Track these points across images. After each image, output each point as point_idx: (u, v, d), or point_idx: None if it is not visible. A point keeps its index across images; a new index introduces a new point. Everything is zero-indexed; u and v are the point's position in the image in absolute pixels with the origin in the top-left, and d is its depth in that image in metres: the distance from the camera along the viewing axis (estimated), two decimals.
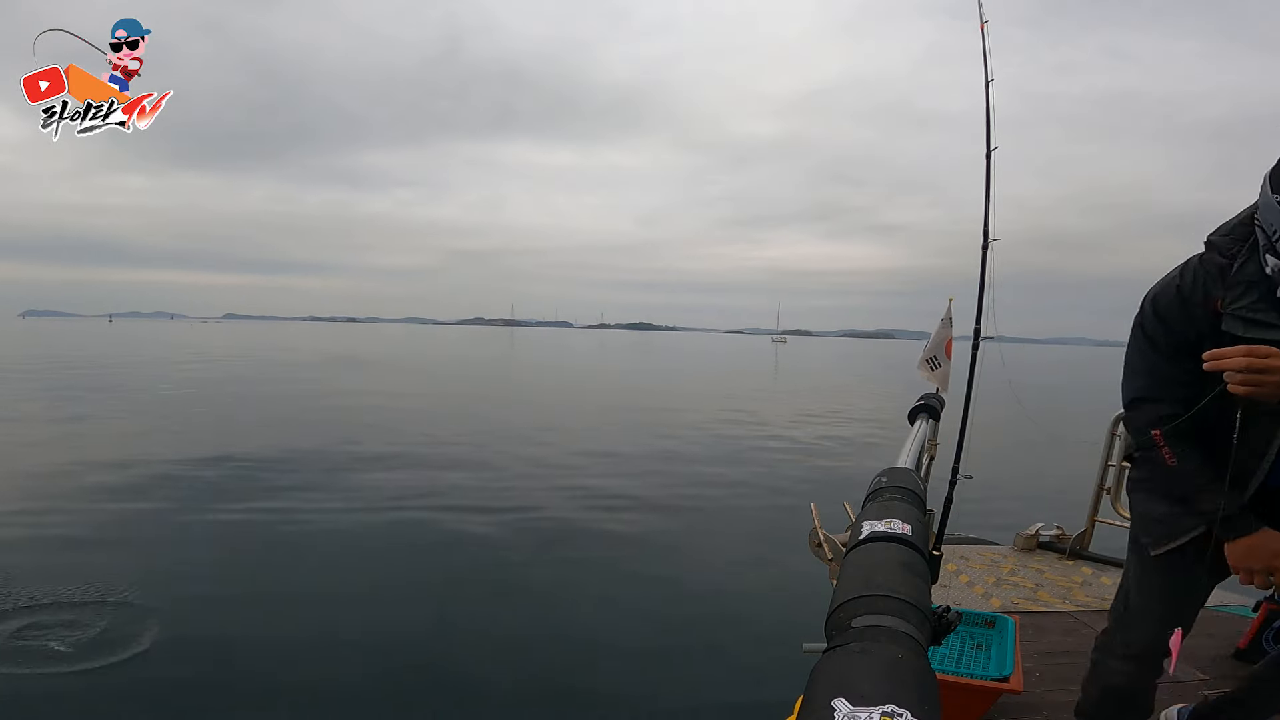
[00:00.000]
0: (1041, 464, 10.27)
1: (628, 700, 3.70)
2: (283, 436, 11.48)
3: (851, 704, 0.43)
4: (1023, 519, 4.53)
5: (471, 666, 4.01)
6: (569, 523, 7.03)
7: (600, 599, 5.11)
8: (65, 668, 3.72)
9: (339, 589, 5.11)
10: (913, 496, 0.89)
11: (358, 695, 3.64)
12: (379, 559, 5.82)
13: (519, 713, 3.63)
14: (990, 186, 3.02)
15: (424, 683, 3.81)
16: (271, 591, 5.01)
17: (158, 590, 4.81)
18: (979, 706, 2.29)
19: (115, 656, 3.86)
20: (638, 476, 9.33)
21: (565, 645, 4.31)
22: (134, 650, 3.93)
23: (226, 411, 15.00)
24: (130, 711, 3.45)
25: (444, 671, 3.95)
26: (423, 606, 4.83)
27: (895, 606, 0.58)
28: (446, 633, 4.44)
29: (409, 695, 3.68)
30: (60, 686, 3.57)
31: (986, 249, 3.08)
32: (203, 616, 4.48)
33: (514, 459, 10.25)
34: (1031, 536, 4.25)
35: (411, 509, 7.26)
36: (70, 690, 3.55)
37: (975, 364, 3.22)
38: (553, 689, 3.80)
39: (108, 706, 3.46)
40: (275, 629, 4.37)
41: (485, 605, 4.93)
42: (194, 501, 7.25)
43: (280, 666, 3.88)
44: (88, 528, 6.31)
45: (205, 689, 3.63)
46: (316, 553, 5.88)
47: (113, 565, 5.27)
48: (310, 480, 8.46)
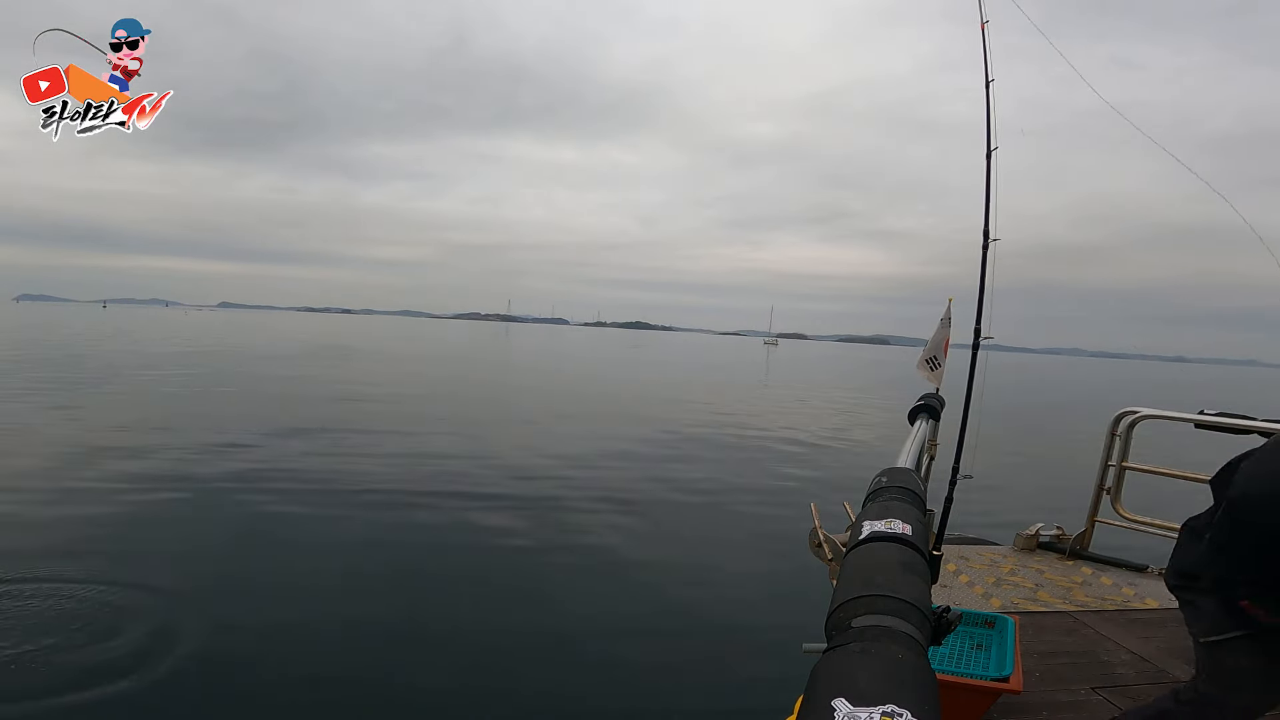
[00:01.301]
0: (1041, 464, 10.28)
1: (627, 700, 3.70)
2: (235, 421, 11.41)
3: (851, 704, 0.43)
4: (1023, 519, 4.53)
5: (470, 667, 4.00)
6: (564, 522, 7.03)
7: (598, 599, 5.10)
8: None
9: (312, 581, 5.10)
10: (913, 496, 0.89)
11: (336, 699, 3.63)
12: (363, 553, 5.82)
13: (518, 713, 3.62)
14: (990, 186, 3.02)
15: (424, 683, 3.81)
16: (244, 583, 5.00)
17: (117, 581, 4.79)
18: (979, 706, 2.29)
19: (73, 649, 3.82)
20: (629, 476, 9.33)
21: (563, 645, 4.30)
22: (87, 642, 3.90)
23: (189, 397, 14.92)
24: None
25: (443, 671, 3.95)
26: (422, 605, 4.82)
27: (895, 606, 0.58)
28: (445, 633, 4.44)
29: (392, 697, 3.68)
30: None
31: (987, 249, 3.08)
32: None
33: (493, 456, 10.22)
34: (1031, 536, 4.25)
35: (404, 508, 7.26)
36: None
37: (976, 364, 3.22)
38: (552, 689, 3.79)
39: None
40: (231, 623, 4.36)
41: (480, 606, 4.92)
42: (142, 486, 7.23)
43: (232, 667, 3.83)
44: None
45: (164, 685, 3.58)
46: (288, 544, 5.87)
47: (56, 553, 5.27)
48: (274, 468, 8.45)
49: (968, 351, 3.20)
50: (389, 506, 7.23)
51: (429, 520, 6.85)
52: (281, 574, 5.26)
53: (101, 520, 6.20)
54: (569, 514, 7.30)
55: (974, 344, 3.25)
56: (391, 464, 9.25)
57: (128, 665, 3.71)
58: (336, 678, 3.78)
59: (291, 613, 4.55)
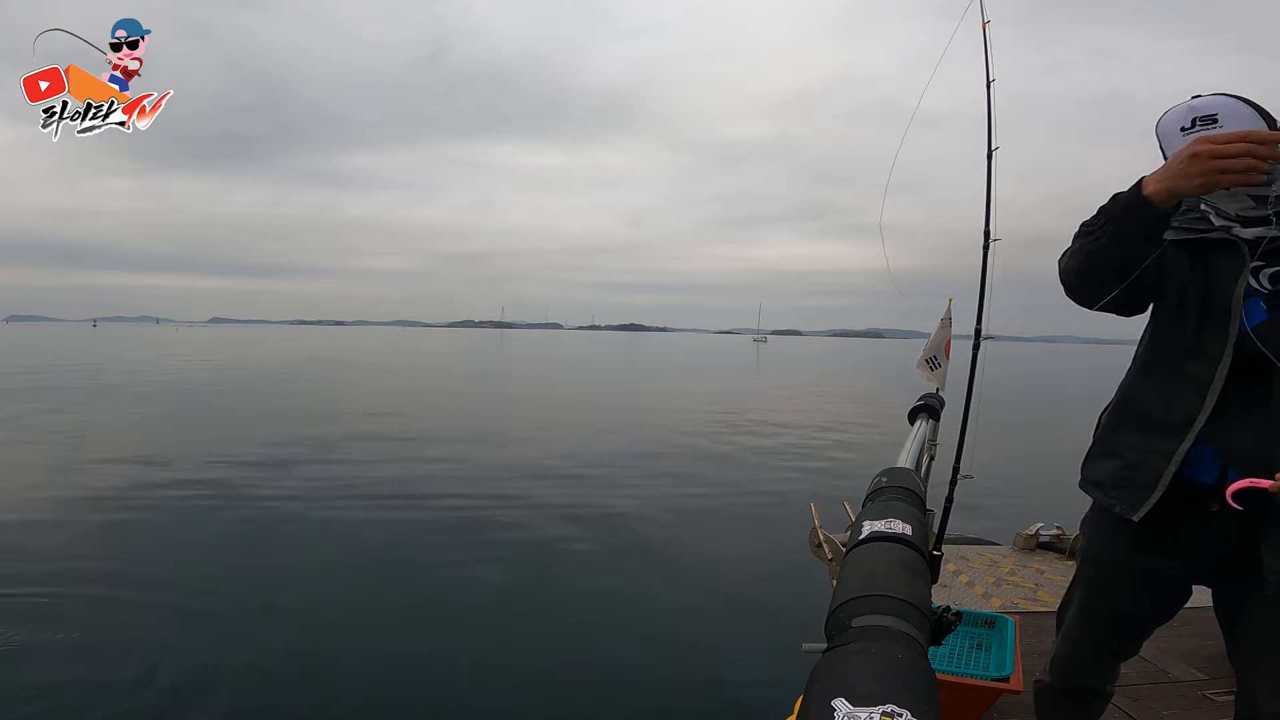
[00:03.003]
0: (1041, 464, 10.28)
1: (626, 701, 3.70)
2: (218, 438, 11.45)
3: (851, 704, 0.43)
4: (1023, 519, 4.53)
5: (467, 668, 4.01)
6: (563, 523, 7.03)
7: (595, 599, 5.10)
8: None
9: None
10: (913, 496, 0.89)
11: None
12: (364, 553, 5.82)
13: (517, 713, 3.62)
14: (991, 186, 3.01)
15: (421, 685, 3.81)
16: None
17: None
18: (979, 706, 2.29)
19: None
20: (626, 479, 9.33)
21: (559, 646, 4.31)
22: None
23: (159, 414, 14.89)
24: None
25: (442, 672, 3.95)
26: (417, 607, 4.83)
27: (895, 606, 0.58)
28: (442, 633, 4.45)
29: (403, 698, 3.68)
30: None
31: (988, 249, 3.08)
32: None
33: (487, 462, 10.22)
34: (1031, 536, 4.25)
35: (397, 508, 7.27)
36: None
37: (976, 364, 3.21)
38: (550, 690, 3.79)
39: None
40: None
41: (475, 607, 4.92)
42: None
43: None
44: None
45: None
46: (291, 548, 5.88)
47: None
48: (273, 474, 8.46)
49: (967, 352, 3.20)
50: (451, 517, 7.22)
51: (423, 518, 6.86)
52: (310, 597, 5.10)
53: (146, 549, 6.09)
54: (567, 514, 7.31)
55: (974, 344, 3.24)
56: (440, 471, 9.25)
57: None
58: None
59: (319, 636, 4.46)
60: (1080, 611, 1.61)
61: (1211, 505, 1.32)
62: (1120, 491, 1.44)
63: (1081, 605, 1.61)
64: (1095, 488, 1.52)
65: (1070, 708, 1.71)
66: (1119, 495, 1.44)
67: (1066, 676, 1.67)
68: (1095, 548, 1.57)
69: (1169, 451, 1.36)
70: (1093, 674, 1.65)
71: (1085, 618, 1.60)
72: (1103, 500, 1.49)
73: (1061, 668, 1.67)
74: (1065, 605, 1.68)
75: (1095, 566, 1.58)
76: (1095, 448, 1.57)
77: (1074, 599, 1.63)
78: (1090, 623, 1.60)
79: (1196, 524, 1.37)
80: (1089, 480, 1.55)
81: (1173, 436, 1.36)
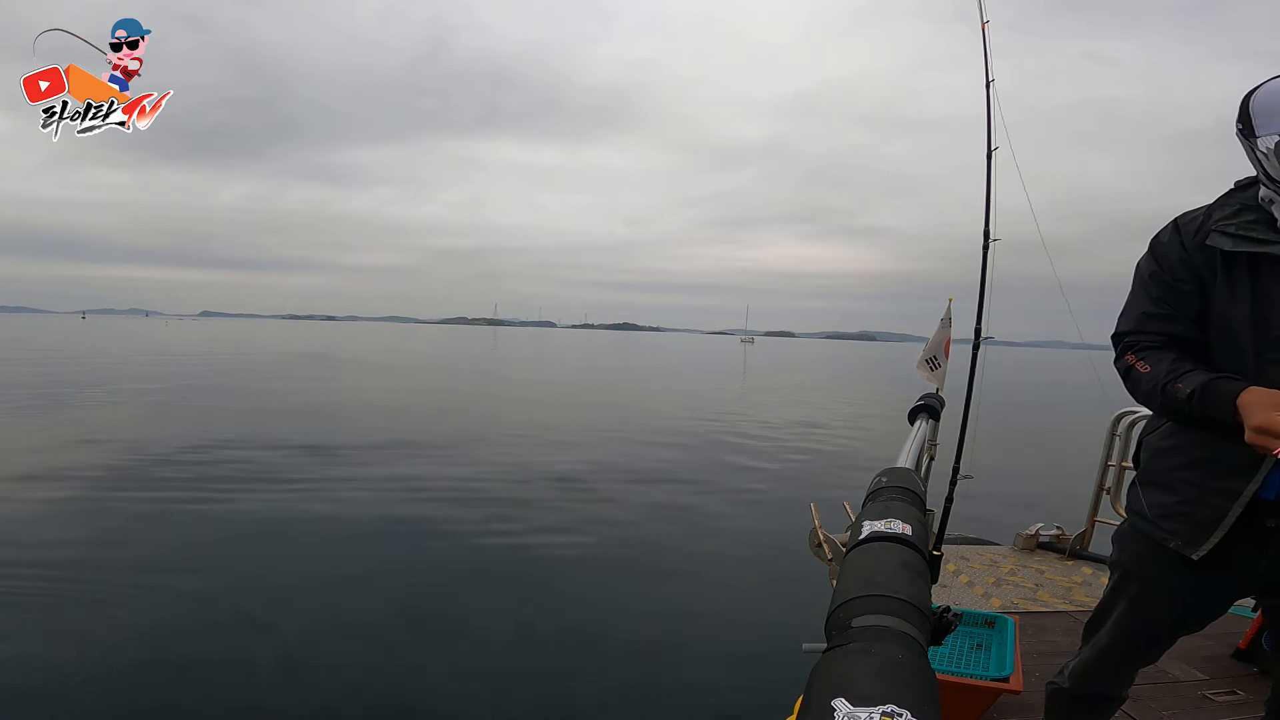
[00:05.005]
0: (1041, 464, 10.28)
1: (625, 701, 3.70)
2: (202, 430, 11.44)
3: (851, 704, 0.43)
4: (1023, 519, 4.53)
5: (466, 669, 4.00)
6: (560, 524, 7.03)
7: (594, 599, 5.10)
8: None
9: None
10: (913, 496, 0.89)
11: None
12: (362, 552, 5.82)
13: (517, 713, 3.62)
14: (991, 187, 3.02)
15: (414, 690, 3.81)
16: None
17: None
18: (979, 706, 2.29)
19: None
20: (624, 479, 9.33)
21: (558, 646, 4.30)
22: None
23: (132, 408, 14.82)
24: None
25: (440, 673, 3.95)
26: (415, 607, 4.83)
27: (895, 606, 0.58)
28: (440, 633, 4.44)
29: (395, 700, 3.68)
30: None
31: (987, 249, 3.08)
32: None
33: (483, 458, 10.22)
34: (1031, 536, 4.25)
35: (394, 505, 7.26)
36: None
37: (976, 364, 3.22)
38: (549, 690, 3.79)
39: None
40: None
41: (472, 608, 4.92)
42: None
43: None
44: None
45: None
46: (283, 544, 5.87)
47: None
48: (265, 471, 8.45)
49: (967, 352, 3.21)
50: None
51: (423, 513, 6.86)
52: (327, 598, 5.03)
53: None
54: (565, 515, 7.30)
55: (974, 344, 3.25)
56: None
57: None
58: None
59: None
60: (1117, 625, 1.55)
61: (1268, 521, 1.26)
62: (1176, 526, 1.36)
63: (1120, 620, 1.55)
64: (1144, 520, 1.44)
65: (1084, 712, 1.69)
66: (1174, 530, 1.36)
67: (1087, 683, 1.64)
68: (1139, 564, 1.49)
69: (1233, 491, 1.26)
70: (1113, 681, 1.63)
71: (1122, 631, 1.55)
72: (1154, 534, 1.41)
73: (1083, 675, 1.64)
74: (1101, 617, 1.61)
75: (1141, 584, 1.50)
76: (1144, 476, 1.48)
77: (1113, 613, 1.56)
78: (1126, 636, 1.55)
79: (1253, 541, 1.29)
80: (1136, 511, 1.47)
81: (1238, 477, 1.26)
